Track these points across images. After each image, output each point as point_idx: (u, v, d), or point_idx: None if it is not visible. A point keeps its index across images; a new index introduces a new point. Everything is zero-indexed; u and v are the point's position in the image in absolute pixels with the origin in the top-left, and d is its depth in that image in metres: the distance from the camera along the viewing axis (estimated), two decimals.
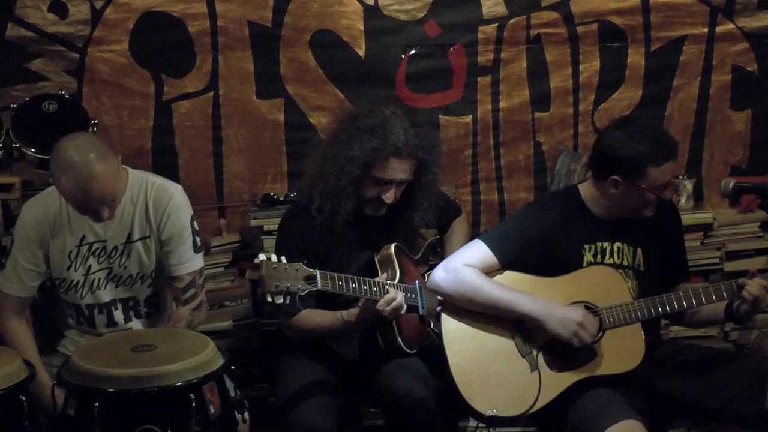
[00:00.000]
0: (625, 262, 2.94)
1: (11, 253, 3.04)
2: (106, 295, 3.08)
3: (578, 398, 2.75)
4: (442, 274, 2.86)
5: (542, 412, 2.77)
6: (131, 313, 3.11)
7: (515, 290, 2.82)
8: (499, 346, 2.82)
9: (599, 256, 2.92)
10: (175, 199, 3.06)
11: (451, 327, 2.85)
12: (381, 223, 3.12)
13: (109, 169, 2.82)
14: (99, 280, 3.06)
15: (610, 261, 2.92)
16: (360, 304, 2.92)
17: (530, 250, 2.87)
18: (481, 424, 2.86)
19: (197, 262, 3.10)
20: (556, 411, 2.78)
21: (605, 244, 2.93)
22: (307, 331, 3.04)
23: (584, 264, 2.90)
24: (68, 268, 3.04)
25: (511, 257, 2.87)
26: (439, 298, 2.90)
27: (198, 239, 3.11)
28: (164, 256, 3.06)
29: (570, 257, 2.90)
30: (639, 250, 2.96)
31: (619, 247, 2.94)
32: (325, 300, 3.02)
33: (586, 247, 2.91)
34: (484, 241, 2.89)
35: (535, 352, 2.82)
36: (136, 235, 3.05)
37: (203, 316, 3.16)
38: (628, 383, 2.82)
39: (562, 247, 2.89)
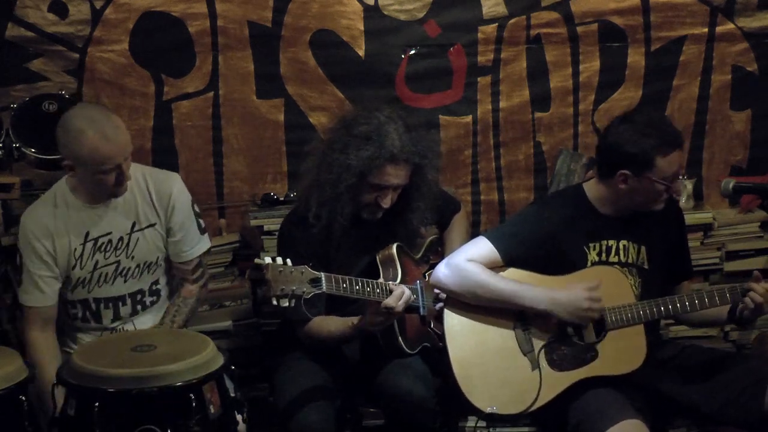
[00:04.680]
0: (629, 260, 2.94)
1: (23, 266, 3.04)
2: (114, 290, 3.10)
3: (579, 398, 2.76)
4: (445, 271, 2.87)
5: (542, 412, 2.78)
6: (138, 307, 3.14)
7: (519, 282, 2.82)
8: (501, 343, 2.83)
9: (604, 255, 2.92)
10: (177, 187, 3.14)
11: (453, 322, 2.86)
12: (379, 226, 3.12)
13: (120, 119, 2.97)
14: (107, 274, 3.08)
15: (615, 259, 2.93)
16: (367, 309, 2.91)
17: (535, 249, 2.88)
18: (480, 423, 2.86)
19: (205, 243, 3.21)
20: (556, 411, 2.78)
21: (611, 242, 2.93)
22: (320, 340, 3.04)
23: (588, 263, 2.91)
24: (74, 267, 3.05)
25: (516, 256, 2.88)
26: (439, 296, 2.90)
27: (201, 221, 3.21)
28: (174, 244, 3.12)
29: (575, 256, 2.90)
30: (643, 248, 2.97)
31: (624, 245, 2.94)
32: (335, 305, 3.02)
33: (591, 245, 2.92)
34: (488, 239, 2.90)
35: (536, 351, 2.82)
36: (143, 223, 3.08)
37: (206, 292, 3.31)
38: (628, 383, 2.82)
39: (567, 246, 2.90)
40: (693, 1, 3.91)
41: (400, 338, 2.99)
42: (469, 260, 2.85)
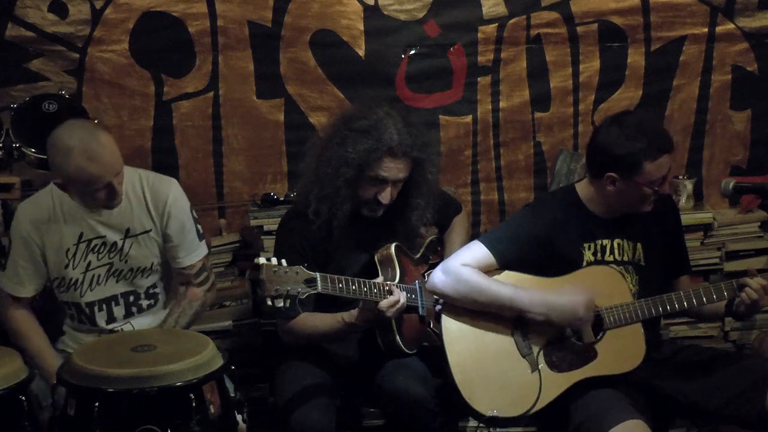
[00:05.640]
0: (625, 258, 2.94)
1: (10, 255, 3.04)
2: (106, 290, 3.09)
3: (580, 398, 2.76)
4: (441, 276, 2.87)
5: (543, 413, 2.78)
6: (133, 309, 3.12)
7: (515, 286, 2.82)
8: (500, 346, 2.82)
9: (599, 255, 2.92)
10: (174, 193, 3.11)
11: (451, 327, 2.85)
12: (379, 224, 3.11)
13: (109, 137, 2.91)
14: (99, 276, 3.07)
15: (611, 258, 2.93)
16: (360, 306, 2.92)
17: (530, 252, 2.87)
18: (481, 425, 2.86)
19: (203, 249, 3.18)
20: (557, 411, 2.78)
21: (605, 242, 2.93)
22: (305, 336, 3.04)
23: (584, 263, 2.91)
24: (66, 267, 3.04)
25: (511, 259, 2.87)
26: (438, 300, 2.90)
27: (199, 227, 3.18)
28: (172, 249, 3.10)
29: (570, 257, 2.90)
30: (639, 245, 2.96)
31: (619, 244, 2.94)
32: (324, 303, 3.02)
33: (586, 245, 2.91)
34: (483, 243, 2.89)
35: (535, 353, 2.82)
36: (137, 229, 3.06)
37: (214, 295, 3.28)
38: (628, 383, 2.82)
39: (562, 247, 2.89)
40: (693, 1, 3.91)
41: (398, 338, 2.98)
42: (464, 265, 2.84)
